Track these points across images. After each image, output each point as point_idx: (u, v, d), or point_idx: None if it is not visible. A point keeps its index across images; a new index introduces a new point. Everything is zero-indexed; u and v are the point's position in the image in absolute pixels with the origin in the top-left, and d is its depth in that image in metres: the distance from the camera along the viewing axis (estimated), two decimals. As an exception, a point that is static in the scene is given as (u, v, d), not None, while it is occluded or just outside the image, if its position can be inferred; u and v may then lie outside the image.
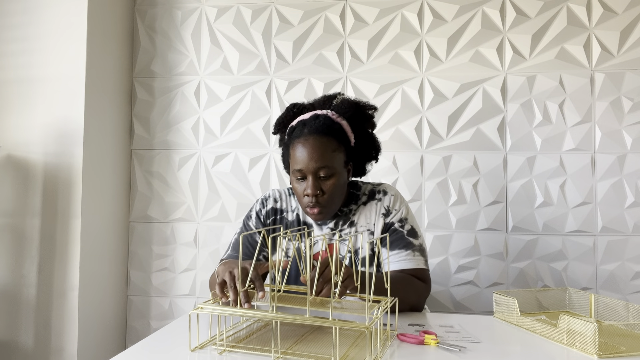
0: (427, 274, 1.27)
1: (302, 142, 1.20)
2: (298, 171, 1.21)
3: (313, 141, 1.19)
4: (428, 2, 1.89)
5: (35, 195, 1.72)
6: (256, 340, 0.93)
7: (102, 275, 1.85)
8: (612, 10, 1.81)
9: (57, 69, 1.74)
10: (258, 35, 1.97)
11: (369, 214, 1.29)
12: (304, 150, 1.19)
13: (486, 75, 1.86)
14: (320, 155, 1.18)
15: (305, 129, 1.21)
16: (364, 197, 1.32)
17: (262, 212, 1.35)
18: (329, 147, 1.20)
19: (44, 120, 1.73)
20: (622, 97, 1.79)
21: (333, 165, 1.20)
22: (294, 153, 1.22)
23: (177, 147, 2.00)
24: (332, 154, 1.20)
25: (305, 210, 1.24)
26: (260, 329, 1.00)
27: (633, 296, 1.77)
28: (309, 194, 1.20)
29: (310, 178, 1.19)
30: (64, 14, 1.74)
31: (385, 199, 1.30)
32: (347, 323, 0.81)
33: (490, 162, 1.85)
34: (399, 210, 1.29)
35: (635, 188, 1.78)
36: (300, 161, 1.20)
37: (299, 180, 1.22)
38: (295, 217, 1.33)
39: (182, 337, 0.95)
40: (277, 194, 1.37)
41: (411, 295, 1.18)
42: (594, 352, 0.88)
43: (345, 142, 1.24)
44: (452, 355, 0.88)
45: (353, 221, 1.29)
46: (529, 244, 1.82)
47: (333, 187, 1.21)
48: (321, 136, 1.20)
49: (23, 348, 1.71)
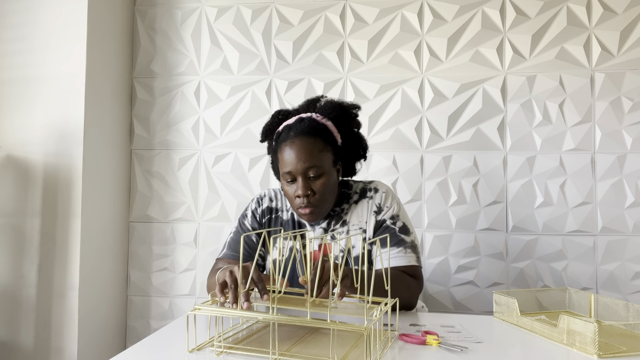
0: (420, 271, 1.27)
1: (289, 144, 1.22)
2: (287, 173, 1.22)
3: (300, 142, 1.21)
4: (428, 2, 1.89)
5: (35, 195, 1.72)
6: (255, 342, 0.92)
7: (102, 275, 1.85)
8: (612, 10, 1.81)
9: (57, 68, 1.74)
10: (258, 35, 1.97)
11: (361, 212, 1.30)
12: (292, 152, 1.21)
13: (486, 75, 1.86)
14: (307, 155, 1.20)
15: (291, 132, 1.23)
16: (355, 195, 1.33)
17: (258, 211, 1.36)
18: (315, 147, 1.21)
19: (44, 120, 1.73)
20: (622, 97, 1.80)
21: (321, 164, 1.21)
22: (282, 156, 1.23)
23: (177, 147, 2.00)
24: (319, 154, 1.21)
25: (298, 212, 1.25)
26: (260, 330, 1.00)
27: (633, 296, 1.77)
28: (300, 195, 1.20)
29: (300, 179, 1.21)
30: (64, 13, 1.74)
31: (376, 196, 1.31)
32: (346, 325, 0.81)
33: (490, 162, 1.85)
34: (391, 207, 1.29)
35: (635, 188, 1.78)
36: (289, 163, 1.21)
37: (289, 182, 1.23)
38: (290, 217, 1.34)
39: (181, 338, 0.95)
40: (272, 193, 1.38)
41: (403, 292, 1.18)
42: (594, 352, 0.88)
43: (331, 142, 1.26)
44: (454, 355, 0.88)
45: (345, 220, 1.30)
46: (529, 244, 1.82)
47: (323, 187, 1.22)
48: (307, 137, 1.21)
49: (23, 348, 1.71)
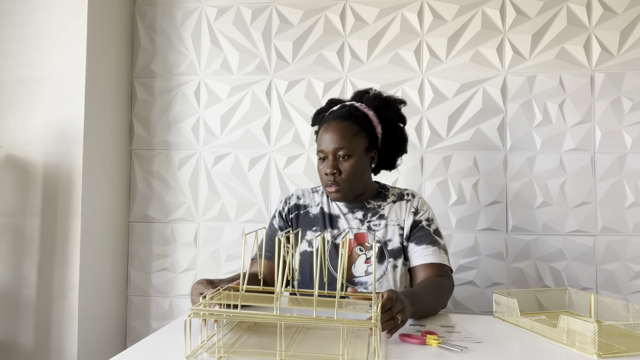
0: (450, 271, 1.34)
1: (325, 126, 1.33)
2: (320, 151, 1.33)
3: (335, 125, 1.31)
4: (428, 2, 1.89)
5: (35, 195, 1.72)
6: (249, 344, 0.91)
7: (102, 275, 1.85)
8: (612, 10, 1.81)
9: (57, 69, 1.74)
10: (258, 35, 1.97)
11: (399, 210, 1.38)
12: (326, 133, 1.31)
13: (486, 75, 1.86)
14: (339, 137, 1.29)
15: (330, 116, 1.35)
16: (392, 197, 1.41)
17: (285, 210, 1.44)
18: (348, 131, 1.30)
19: (44, 120, 1.73)
20: (622, 97, 1.79)
21: (351, 147, 1.29)
22: (320, 137, 1.34)
23: (177, 147, 2.00)
24: (351, 137, 1.30)
25: (326, 190, 1.34)
26: (245, 334, 0.98)
27: (633, 296, 1.77)
28: (328, 173, 1.30)
29: (329, 158, 1.30)
30: (64, 14, 1.74)
31: (414, 200, 1.39)
32: (355, 322, 0.81)
33: (490, 162, 1.85)
34: (427, 211, 1.38)
35: (635, 188, 1.78)
36: (322, 143, 1.32)
37: (321, 160, 1.33)
38: (320, 211, 1.41)
39: (181, 338, 0.95)
40: (300, 192, 1.47)
41: (445, 298, 1.26)
42: (594, 352, 0.88)
43: (367, 129, 1.34)
44: (454, 355, 0.88)
45: (383, 215, 1.37)
46: (529, 244, 1.82)
47: (350, 168, 1.29)
48: (343, 120, 1.31)
49: (23, 348, 1.71)
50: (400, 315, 0.96)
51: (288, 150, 1.94)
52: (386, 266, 1.30)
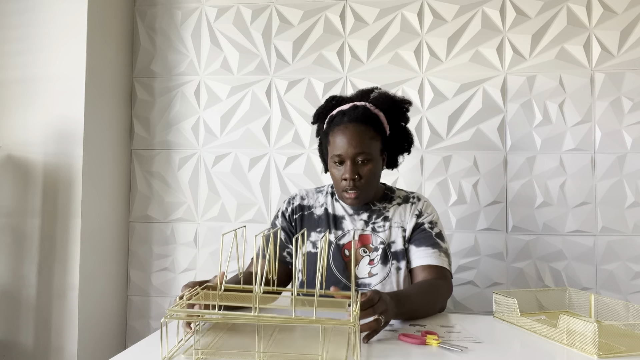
0: (449, 275, 1.31)
1: (342, 129, 1.28)
2: (337, 156, 1.28)
3: (353, 128, 1.27)
4: (428, 2, 1.89)
5: (35, 195, 1.72)
6: (229, 344, 0.89)
7: (102, 275, 1.85)
8: (612, 10, 1.81)
9: (57, 68, 1.74)
10: (258, 35, 1.97)
11: (404, 212, 1.36)
12: (344, 137, 1.26)
13: (486, 75, 1.86)
14: (358, 141, 1.26)
15: (345, 118, 1.29)
16: (398, 199, 1.40)
17: (288, 210, 1.42)
18: (366, 135, 1.27)
19: (44, 120, 1.73)
20: (622, 97, 1.79)
21: (370, 151, 1.27)
22: (334, 140, 1.29)
23: (177, 147, 2.00)
24: (369, 142, 1.27)
25: (342, 195, 1.31)
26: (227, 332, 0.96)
27: (633, 296, 1.77)
28: (347, 178, 1.26)
29: (348, 163, 1.27)
30: (64, 13, 1.74)
31: (419, 203, 1.38)
32: (333, 321, 0.79)
33: (490, 162, 1.85)
34: (431, 214, 1.37)
35: (635, 188, 1.78)
36: (340, 147, 1.27)
37: (337, 165, 1.29)
38: (324, 212, 1.39)
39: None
40: (303, 192, 1.45)
41: (439, 301, 1.24)
42: (594, 352, 0.88)
43: (381, 132, 1.32)
44: (454, 355, 0.88)
45: (387, 217, 1.36)
46: (529, 244, 1.82)
47: (369, 172, 1.28)
48: (360, 124, 1.27)
49: (23, 348, 1.71)
50: (382, 317, 0.94)
51: (288, 150, 1.94)
52: (389, 268, 1.30)
